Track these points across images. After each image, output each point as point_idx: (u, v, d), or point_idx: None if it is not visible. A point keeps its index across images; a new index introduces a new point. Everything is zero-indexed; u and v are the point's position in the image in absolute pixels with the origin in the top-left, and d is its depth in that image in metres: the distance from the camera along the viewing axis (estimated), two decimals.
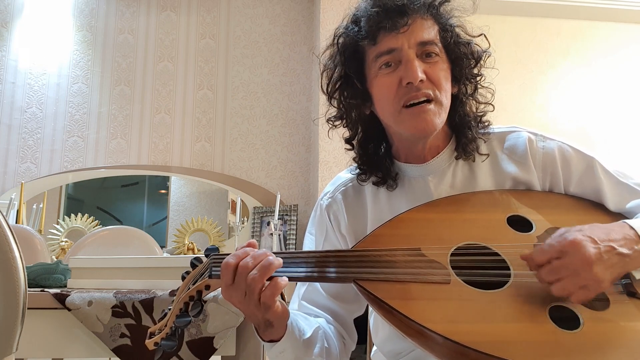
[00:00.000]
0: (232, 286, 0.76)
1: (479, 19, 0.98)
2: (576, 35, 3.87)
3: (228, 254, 0.79)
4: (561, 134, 0.97)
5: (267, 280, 0.75)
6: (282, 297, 0.83)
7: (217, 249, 0.83)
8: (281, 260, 0.76)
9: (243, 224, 3.52)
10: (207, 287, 0.79)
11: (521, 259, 0.76)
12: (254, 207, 3.61)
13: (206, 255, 0.82)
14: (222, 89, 3.76)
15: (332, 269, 0.79)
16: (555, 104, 3.77)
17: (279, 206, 3.13)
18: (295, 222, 3.49)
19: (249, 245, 0.80)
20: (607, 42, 3.87)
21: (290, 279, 0.78)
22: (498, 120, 1.01)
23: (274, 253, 0.79)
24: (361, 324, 1.08)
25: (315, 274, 0.79)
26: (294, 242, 3.45)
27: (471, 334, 0.69)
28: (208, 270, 0.79)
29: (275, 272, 0.75)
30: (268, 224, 3.40)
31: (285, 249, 3.41)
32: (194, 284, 0.79)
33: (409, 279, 0.76)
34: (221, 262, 0.78)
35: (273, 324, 0.81)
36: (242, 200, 3.58)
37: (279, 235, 3.24)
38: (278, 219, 3.08)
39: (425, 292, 0.75)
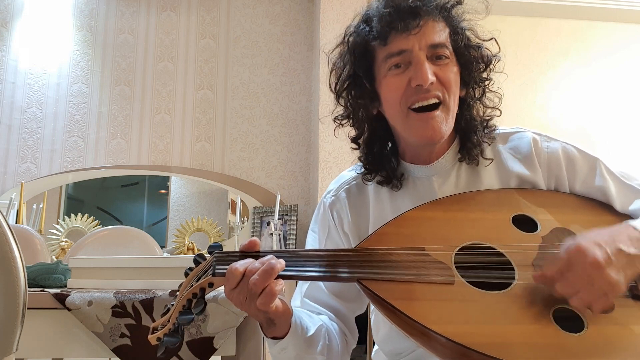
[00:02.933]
0: (235, 290, 0.75)
1: (480, 19, 0.98)
2: (576, 35, 3.87)
3: (231, 252, 0.79)
4: (561, 133, 0.97)
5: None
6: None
7: (220, 246, 0.82)
8: (284, 263, 0.75)
9: (243, 224, 3.52)
10: (211, 285, 0.78)
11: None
12: (254, 207, 3.60)
13: (209, 253, 0.82)
14: (222, 89, 3.76)
15: (335, 269, 0.78)
16: (555, 104, 3.77)
17: (279, 206, 3.12)
18: (295, 222, 3.48)
19: (251, 243, 0.79)
20: (607, 42, 3.87)
21: (293, 277, 0.77)
22: (498, 120, 1.01)
23: (278, 251, 0.78)
24: (361, 323, 1.07)
25: (318, 273, 0.78)
26: (294, 242, 3.44)
27: (474, 336, 0.69)
28: (212, 267, 0.78)
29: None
30: (268, 224, 3.39)
31: (285, 248, 3.41)
32: (197, 281, 0.78)
33: (413, 279, 0.75)
34: (224, 259, 0.77)
35: (275, 323, 0.81)
36: (242, 200, 3.57)
37: (279, 235, 3.23)
38: (278, 219, 3.08)
39: (428, 293, 0.74)
